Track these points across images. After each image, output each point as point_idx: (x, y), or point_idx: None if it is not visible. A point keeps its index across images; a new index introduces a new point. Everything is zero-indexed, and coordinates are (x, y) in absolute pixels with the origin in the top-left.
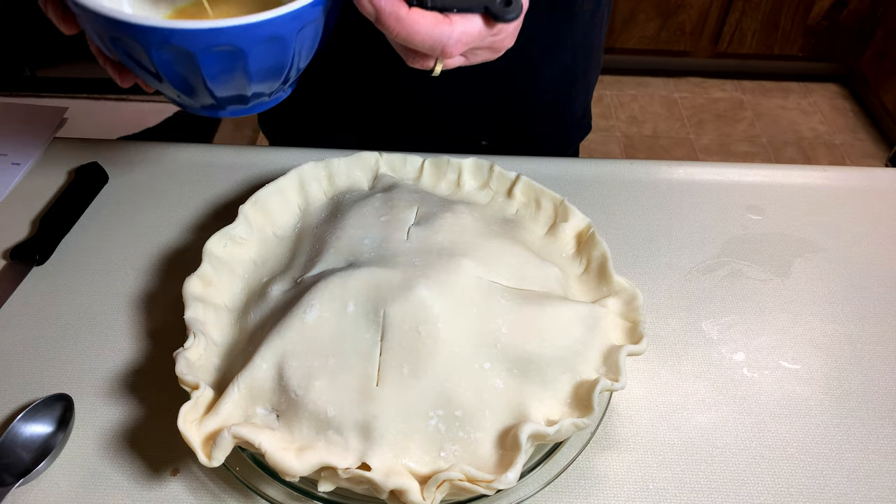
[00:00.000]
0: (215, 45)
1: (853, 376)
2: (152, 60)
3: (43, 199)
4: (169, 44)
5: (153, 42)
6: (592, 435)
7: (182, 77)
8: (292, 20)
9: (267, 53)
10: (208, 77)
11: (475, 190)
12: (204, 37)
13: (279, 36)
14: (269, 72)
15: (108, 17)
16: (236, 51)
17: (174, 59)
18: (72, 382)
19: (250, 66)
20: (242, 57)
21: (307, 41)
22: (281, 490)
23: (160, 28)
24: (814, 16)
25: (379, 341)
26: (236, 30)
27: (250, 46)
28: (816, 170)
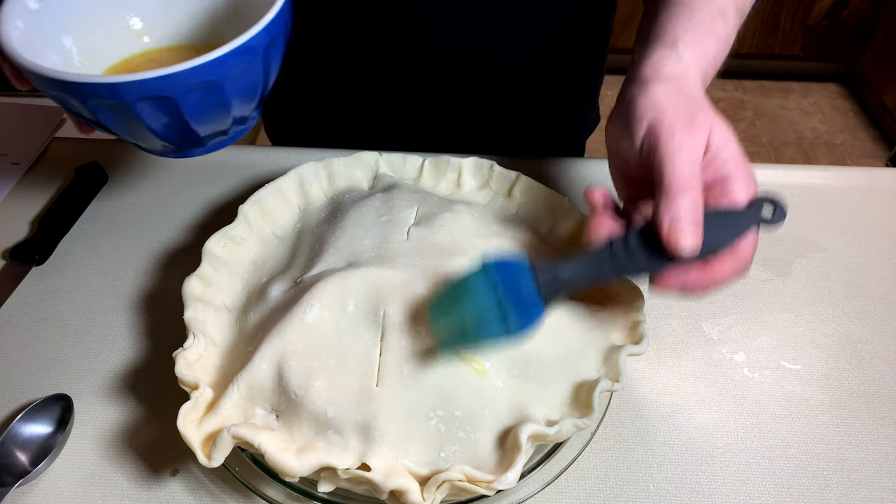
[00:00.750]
0: (145, 96)
1: (854, 376)
2: (90, 111)
3: (42, 199)
4: (100, 97)
5: (86, 96)
6: (593, 435)
7: (127, 126)
8: (221, 63)
9: (203, 98)
10: (148, 124)
11: (475, 190)
12: (133, 88)
13: (213, 81)
14: (209, 114)
15: (43, 76)
16: (169, 99)
17: (111, 109)
18: (71, 382)
19: (187, 110)
20: (175, 103)
21: (245, 81)
22: (281, 490)
23: (90, 84)
24: (814, 16)
25: (379, 341)
26: (163, 80)
27: (182, 94)
28: (817, 170)
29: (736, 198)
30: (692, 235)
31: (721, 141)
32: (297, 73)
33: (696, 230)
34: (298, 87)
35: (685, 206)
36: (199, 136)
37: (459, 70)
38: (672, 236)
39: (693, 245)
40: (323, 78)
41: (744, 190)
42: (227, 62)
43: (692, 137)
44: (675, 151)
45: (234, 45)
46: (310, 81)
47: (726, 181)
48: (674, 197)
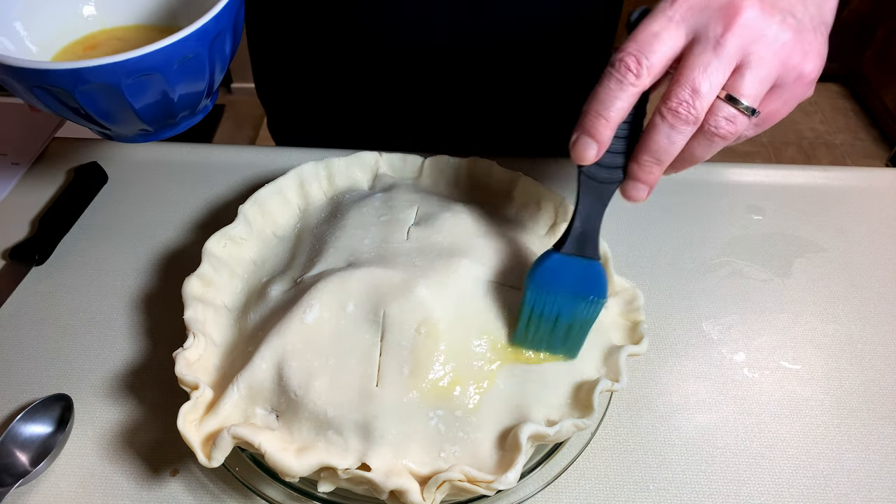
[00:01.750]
0: (86, 84)
1: (854, 376)
2: (33, 95)
3: (42, 198)
4: (44, 84)
5: (32, 82)
6: (593, 435)
7: (70, 111)
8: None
9: (143, 88)
10: (93, 112)
11: (475, 190)
12: (70, 76)
13: (155, 71)
14: (154, 105)
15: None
16: (110, 87)
17: (52, 93)
18: (71, 382)
19: (130, 100)
20: (118, 92)
21: (190, 72)
22: (280, 490)
23: (35, 69)
24: None
25: (379, 341)
26: (104, 68)
27: (121, 82)
28: (817, 170)
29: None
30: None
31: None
32: (299, 74)
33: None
34: (300, 87)
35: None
36: (146, 123)
37: (460, 69)
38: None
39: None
40: (323, 78)
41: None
42: (170, 52)
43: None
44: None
45: (177, 37)
46: (310, 82)
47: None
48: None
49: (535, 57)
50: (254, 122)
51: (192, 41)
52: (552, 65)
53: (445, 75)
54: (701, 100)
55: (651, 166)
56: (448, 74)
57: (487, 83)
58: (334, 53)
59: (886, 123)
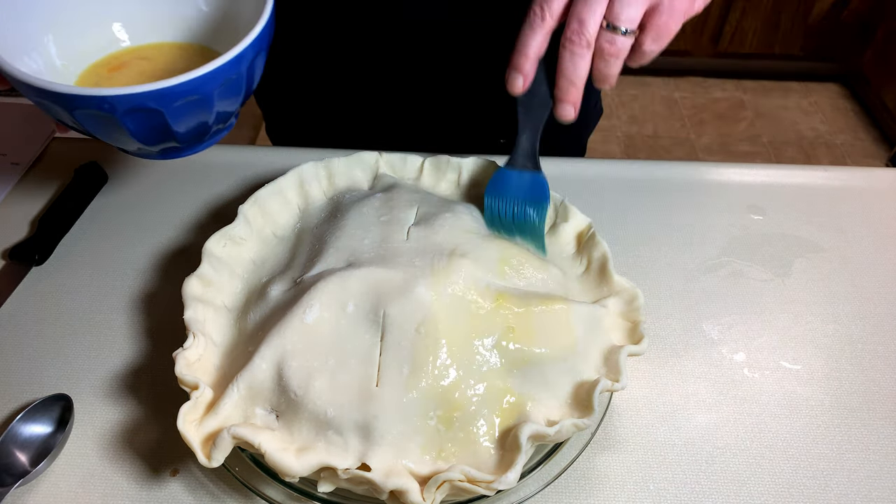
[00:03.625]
0: (132, 109)
1: (854, 376)
2: (77, 120)
3: (42, 198)
4: (88, 108)
5: (71, 106)
6: (593, 435)
7: (108, 132)
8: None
9: (186, 110)
10: (133, 133)
11: (475, 190)
12: (120, 101)
13: (199, 95)
14: (192, 126)
15: (29, 84)
16: (155, 111)
17: (95, 117)
18: (71, 382)
19: (171, 123)
20: (161, 115)
21: (230, 93)
22: (280, 490)
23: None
24: (814, 15)
25: (379, 341)
26: (151, 94)
27: (168, 106)
28: (817, 170)
29: None
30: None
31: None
32: (298, 74)
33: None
34: (299, 87)
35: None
36: (179, 142)
37: (460, 63)
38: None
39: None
40: (323, 78)
41: None
42: (215, 76)
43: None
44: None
45: (222, 60)
46: (310, 82)
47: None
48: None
49: None
50: (253, 122)
51: (237, 62)
52: None
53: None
54: (586, 28)
55: (568, 87)
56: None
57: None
58: (332, 50)
59: (886, 123)
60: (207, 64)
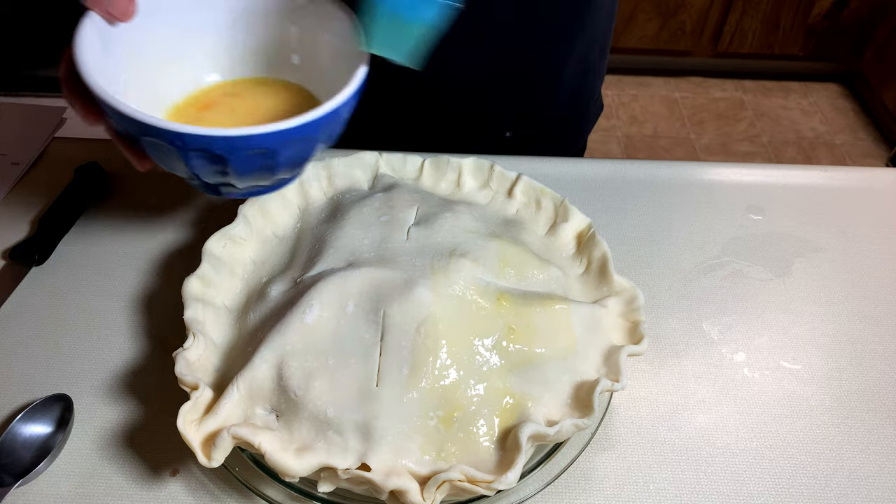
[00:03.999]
0: (250, 149)
1: (854, 376)
2: (184, 159)
3: (42, 199)
4: (205, 149)
5: (188, 146)
6: (593, 435)
7: (212, 172)
8: (326, 121)
9: (295, 151)
10: (238, 172)
11: (475, 190)
12: (239, 142)
13: (306, 137)
14: (296, 162)
15: (142, 122)
16: (265, 152)
17: (207, 159)
18: (71, 382)
19: (279, 161)
20: (273, 156)
21: (336, 130)
22: (280, 490)
23: (198, 135)
24: (814, 15)
25: (379, 341)
26: (271, 136)
27: (279, 148)
28: (817, 170)
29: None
30: None
31: None
32: None
33: None
34: None
35: None
36: (275, 181)
37: (460, 67)
38: None
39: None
40: None
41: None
42: (324, 121)
43: None
44: None
45: (331, 106)
46: None
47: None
48: None
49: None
50: None
51: (350, 102)
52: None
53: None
54: None
55: None
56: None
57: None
58: None
59: (886, 123)
60: (327, 104)
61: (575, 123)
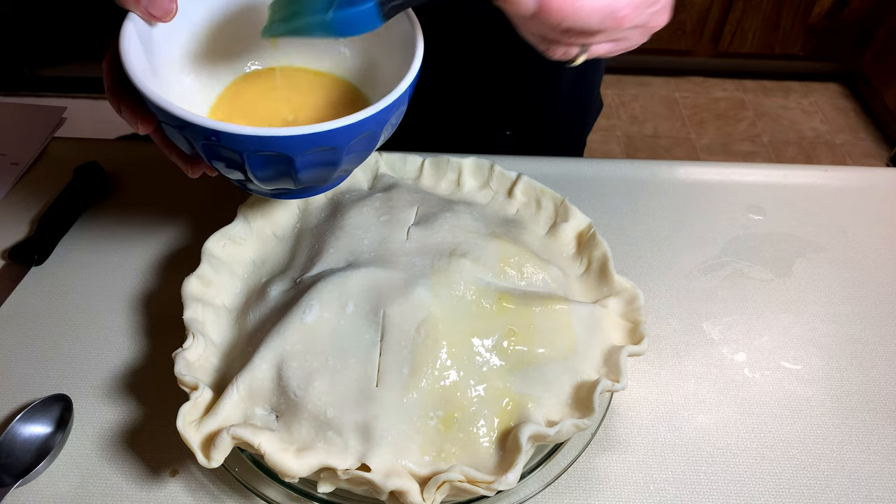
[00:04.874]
0: (311, 149)
1: (854, 377)
2: (246, 162)
3: (42, 198)
4: (265, 150)
5: (249, 148)
6: (593, 436)
7: (273, 174)
8: (385, 114)
9: (359, 146)
10: (299, 171)
11: (475, 190)
12: (301, 142)
13: (371, 131)
14: (357, 157)
15: (204, 127)
16: (330, 150)
17: (269, 160)
18: (70, 383)
19: (342, 157)
20: (337, 153)
21: (396, 122)
22: (280, 491)
23: (257, 136)
24: (815, 15)
25: (379, 342)
26: (333, 133)
27: (344, 144)
28: (818, 169)
29: None
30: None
31: None
32: None
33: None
34: None
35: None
36: (332, 179)
37: (460, 67)
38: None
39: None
40: None
41: None
42: (383, 115)
43: None
44: None
45: (390, 99)
46: None
47: None
48: None
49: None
50: None
51: (405, 96)
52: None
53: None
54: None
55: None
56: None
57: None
58: None
59: (887, 123)
60: (377, 104)
61: (575, 123)
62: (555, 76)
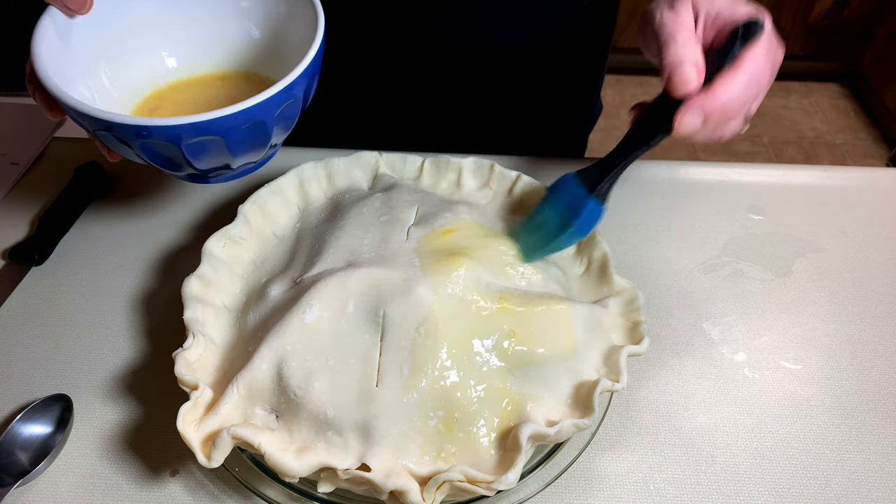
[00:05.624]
0: (195, 137)
1: (854, 376)
2: (137, 150)
3: (42, 198)
4: (151, 137)
5: (136, 136)
6: (593, 436)
7: (166, 159)
8: (271, 104)
9: (247, 134)
10: (191, 158)
11: (475, 190)
12: (183, 130)
13: (259, 120)
14: (251, 147)
15: (91, 116)
16: (217, 139)
17: (158, 147)
18: (70, 383)
19: (231, 146)
20: (223, 143)
21: (286, 118)
22: (280, 491)
23: (142, 126)
24: (815, 15)
25: (379, 342)
26: (215, 122)
27: (229, 133)
28: (818, 169)
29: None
30: (690, 69)
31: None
32: None
33: (693, 66)
34: None
35: (679, 50)
36: (232, 166)
37: (459, 66)
38: (674, 76)
39: (692, 77)
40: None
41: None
42: (274, 102)
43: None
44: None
45: (279, 87)
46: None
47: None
48: (668, 48)
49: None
50: None
51: (290, 89)
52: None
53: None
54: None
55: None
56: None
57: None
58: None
59: (887, 123)
60: (267, 90)
61: (575, 123)
62: (555, 78)
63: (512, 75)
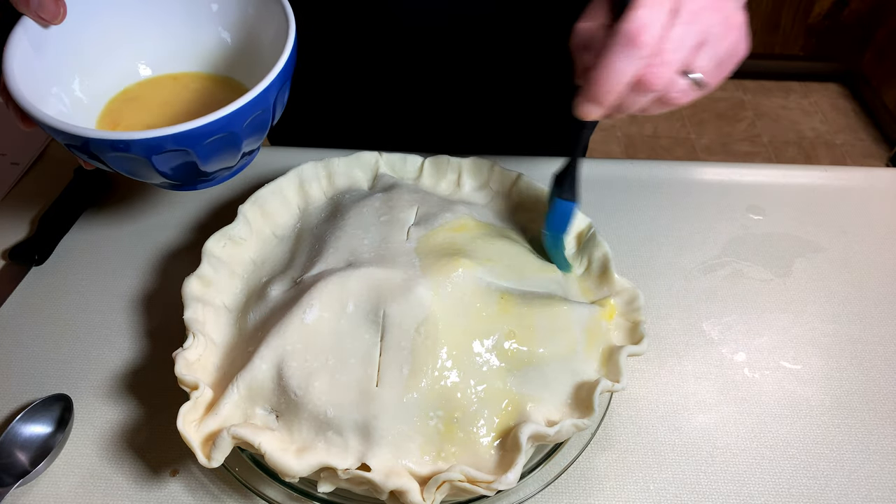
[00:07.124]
0: (163, 150)
1: (854, 377)
2: (107, 163)
3: (42, 198)
4: (118, 151)
5: (104, 149)
6: (593, 436)
7: (138, 171)
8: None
9: (216, 145)
10: (161, 170)
11: (475, 190)
12: (151, 143)
13: (228, 131)
14: (221, 157)
15: (59, 129)
16: (185, 151)
17: (126, 161)
18: (71, 383)
19: (200, 157)
20: (192, 155)
21: (257, 127)
22: (280, 491)
23: (107, 139)
24: (815, 15)
25: (379, 341)
26: (181, 135)
27: (196, 145)
28: (817, 170)
29: None
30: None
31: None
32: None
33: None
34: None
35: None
36: (207, 174)
37: (459, 66)
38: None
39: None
40: (322, 77)
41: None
42: (242, 113)
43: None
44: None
45: (248, 98)
46: (309, 81)
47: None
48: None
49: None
50: None
51: (263, 98)
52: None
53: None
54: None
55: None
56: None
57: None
58: (332, 52)
59: (886, 123)
60: (234, 102)
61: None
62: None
63: (511, 74)
